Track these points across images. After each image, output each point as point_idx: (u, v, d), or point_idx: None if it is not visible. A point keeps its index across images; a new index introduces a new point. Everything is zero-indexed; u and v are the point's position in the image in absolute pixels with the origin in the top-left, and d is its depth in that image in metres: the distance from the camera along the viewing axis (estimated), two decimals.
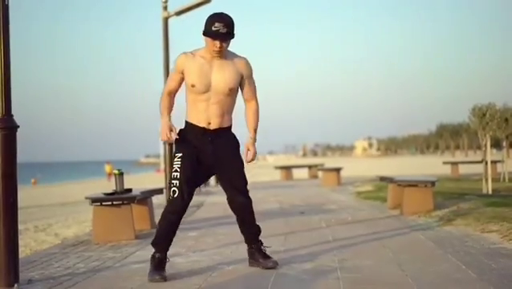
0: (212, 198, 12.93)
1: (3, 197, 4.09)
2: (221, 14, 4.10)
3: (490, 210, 7.45)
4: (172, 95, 4.31)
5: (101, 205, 6.42)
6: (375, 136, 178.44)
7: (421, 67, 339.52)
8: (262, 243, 4.55)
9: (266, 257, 4.49)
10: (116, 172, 6.74)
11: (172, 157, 4.46)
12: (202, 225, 7.71)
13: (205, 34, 4.07)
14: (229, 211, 4.53)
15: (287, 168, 22.62)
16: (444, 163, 21.60)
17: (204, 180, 4.50)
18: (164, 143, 11.15)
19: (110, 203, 6.43)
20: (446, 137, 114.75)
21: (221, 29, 4.00)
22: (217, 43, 4.05)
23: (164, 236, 4.32)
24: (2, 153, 4.08)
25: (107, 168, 44.33)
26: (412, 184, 8.13)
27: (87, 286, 4.17)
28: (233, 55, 4.26)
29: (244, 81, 4.29)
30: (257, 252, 4.51)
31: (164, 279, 4.13)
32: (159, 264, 4.27)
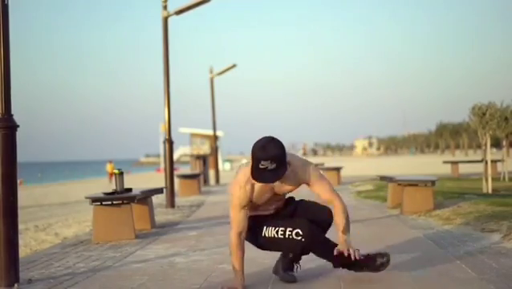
0: (212, 198, 12.94)
1: (3, 197, 4.09)
2: (266, 146, 3.56)
3: (490, 210, 7.44)
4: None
5: (101, 204, 6.42)
6: (376, 136, 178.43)
7: (421, 66, 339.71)
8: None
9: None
10: (116, 171, 6.74)
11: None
12: (202, 224, 7.71)
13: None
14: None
15: None
16: (445, 162, 21.58)
17: None
18: (164, 142, 11.13)
19: (110, 203, 6.43)
20: (446, 136, 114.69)
21: (268, 166, 3.55)
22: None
23: None
24: (1, 153, 4.08)
25: (109, 167, 42.82)
26: (412, 183, 8.13)
27: (88, 286, 4.17)
28: None
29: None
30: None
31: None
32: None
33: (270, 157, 3.51)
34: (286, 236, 3.82)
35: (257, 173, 3.57)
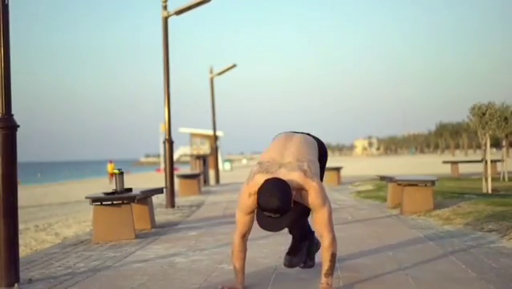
0: (212, 198, 12.94)
1: (3, 197, 4.09)
2: (268, 200, 3.41)
3: (490, 209, 7.45)
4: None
5: (101, 204, 6.42)
6: (376, 136, 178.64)
7: (421, 66, 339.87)
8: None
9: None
10: (116, 171, 6.75)
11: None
12: (202, 224, 7.71)
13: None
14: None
15: None
16: (444, 162, 21.58)
17: None
18: (164, 142, 11.13)
19: (110, 203, 6.43)
20: (446, 136, 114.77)
21: (272, 216, 3.46)
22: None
23: None
24: (1, 153, 4.08)
25: (110, 167, 42.20)
26: (412, 183, 8.13)
27: (88, 286, 4.17)
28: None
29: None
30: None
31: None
32: None
33: (273, 210, 3.42)
34: None
35: (261, 220, 3.49)
